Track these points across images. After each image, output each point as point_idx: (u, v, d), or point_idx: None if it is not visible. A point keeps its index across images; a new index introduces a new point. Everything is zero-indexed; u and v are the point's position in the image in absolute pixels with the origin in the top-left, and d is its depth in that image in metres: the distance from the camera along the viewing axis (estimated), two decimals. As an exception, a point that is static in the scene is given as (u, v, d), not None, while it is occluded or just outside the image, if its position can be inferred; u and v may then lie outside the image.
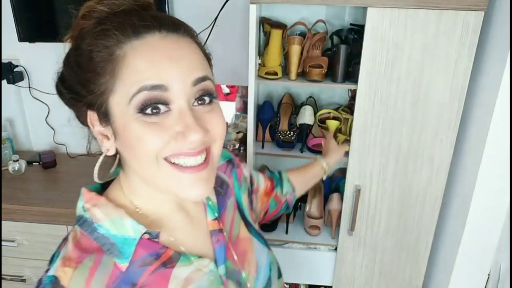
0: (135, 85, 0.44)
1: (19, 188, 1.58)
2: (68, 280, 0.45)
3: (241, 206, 0.69)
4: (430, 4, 1.13)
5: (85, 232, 0.50)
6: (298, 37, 1.29)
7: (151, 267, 0.50)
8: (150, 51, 0.45)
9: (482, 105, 1.13)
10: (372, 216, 1.34)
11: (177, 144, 0.45)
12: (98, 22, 0.47)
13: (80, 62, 0.47)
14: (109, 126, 0.48)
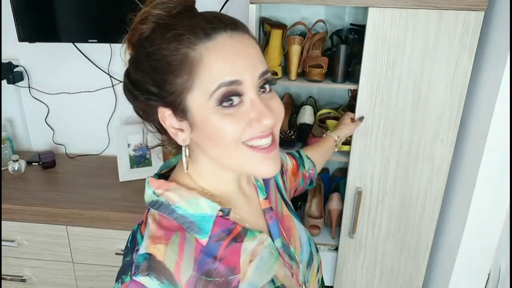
0: (214, 82, 0.49)
1: (18, 188, 1.58)
2: (163, 255, 0.50)
3: (279, 187, 0.75)
4: (430, 4, 1.13)
5: (164, 214, 0.55)
6: (298, 37, 1.29)
7: (225, 242, 0.56)
8: (223, 50, 0.50)
9: (482, 105, 1.13)
10: (373, 218, 1.34)
11: (252, 130, 0.52)
12: (165, 27, 0.51)
13: (156, 66, 0.51)
14: (185, 120, 0.53)
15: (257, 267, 0.58)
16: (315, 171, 0.99)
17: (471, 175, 1.16)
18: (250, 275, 0.56)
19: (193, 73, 0.50)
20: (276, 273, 0.60)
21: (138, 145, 1.67)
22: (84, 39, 1.59)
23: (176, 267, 0.50)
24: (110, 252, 1.48)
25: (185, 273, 0.51)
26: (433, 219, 1.30)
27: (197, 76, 0.50)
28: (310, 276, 0.69)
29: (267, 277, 0.58)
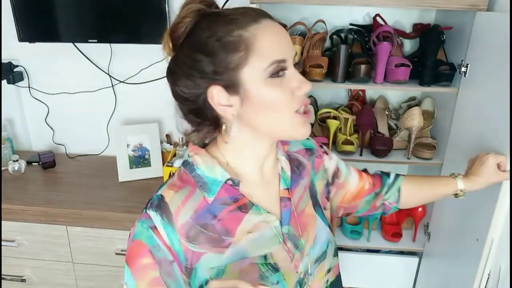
0: (267, 59, 0.58)
1: (18, 188, 1.58)
2: (170, 199, 0.63)
3: (314, 188, 0.79)
4: (430, 4, 1.13)
5: (187, 171, 0.67)
6: (298, 37, 1.29)
7: (230, 207, 0.65)
8: (271, 31, 0.60)
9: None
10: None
11: (297, 100, 0.61)
12: (218, 15, 0.60)
13: (214, 45, 0.58)
14: (236, 95, 0.60)
15: (254, 240, 0.66)
16: (394, 207, 0.89)
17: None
18: (243, 243, 0.65)
19: (249, 50, 0.57)
20: (273, 252, 0.67)
21: (137, 146, 1.67)
22: (84, 39, 1.59)
23: (176, 211, 0.62)
24: (110, 252, 1.47)
25: (182, 217, 0.62)
26: None
27: (252, 53, 0.57)
28: (316, 271, 0.72)
29: (261, 252, 0.65)
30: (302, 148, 0.81)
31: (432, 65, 1.23)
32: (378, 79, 1.25)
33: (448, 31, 1.29)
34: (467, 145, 1.18)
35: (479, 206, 1.05)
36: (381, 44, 1.23)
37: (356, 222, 1.49)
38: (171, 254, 0.61)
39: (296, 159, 0.78)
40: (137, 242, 0.62)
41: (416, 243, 1.45)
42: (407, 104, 1.52)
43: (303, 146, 0.81)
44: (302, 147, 0.81)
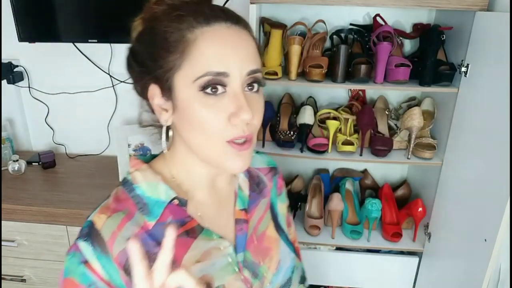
0: (202, 68, 0.51)
1: (18, 188, 1.57)
2: (102, 224, 0.53)
3: (275, 210, 0.72)
4: (430, 4, 1.13)
5: (125, 190, 0.58)
6: (298, 37, 1.29)
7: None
8: (217, 38, 0.52)
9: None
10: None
11: (233, 129, 0.52)
12: (172, 8, 0.53)
13: (155, 40, 0.53)
14: (169, 100, 0.54)
15: (204, 270, 0.56)
16: None
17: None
18: (191, 274, 0.53)
19: (185, 53, 0.51)
20: (226, 283, 0.58)
21: (138, 145, 1.67)
22: (84, 39, 1.59)
23: (111, 238, 0.53)
24: (110, 252, 1.47)
25: (118, 245, 0.52)
26: None
27: (188, 57, 0.51)
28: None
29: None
30: (265, 166, 0.74)
31: (432, 65, 1.23)
32: (378, 79, 1.25)
33: (448, 31, 1.29)
34: (467, 145, 1.18)
35: (487, 206, 1.05)
36: (381, 44, 1.23)
37: (356, 222, 1.49)
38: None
39: (257, 175, 0.71)
40: (69, 280, 0.52)
41: (416, 243, 1.45)
42: (407, 104, 1.52)
43: (266, 165, 0.75)
44: (266, 166, 0.75)
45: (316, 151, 1.37)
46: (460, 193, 1.21)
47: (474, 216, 1.12)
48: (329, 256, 1.50)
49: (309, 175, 1.69)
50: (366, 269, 1.50)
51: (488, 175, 1.06)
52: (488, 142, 1.07)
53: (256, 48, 0.57)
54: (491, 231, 1.02)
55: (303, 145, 1.38)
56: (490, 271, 1.06)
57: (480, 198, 1.09)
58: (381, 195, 1.54)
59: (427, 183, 1.44)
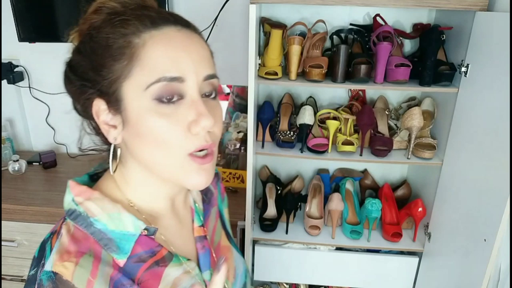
0: (154, 73, 0.46)
1: (19, 188, 1.58)
2: (71, 274, 0.44)
3: (223, 217, 0.71)
4: (430, 4, 1.13)
5: (80, 226, 0.50)
6: (298, 37, 1.29)
7: (146, 264, 0.51)
8: (168, 41, 0.47)
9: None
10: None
11: (194, 139, 0.48)
12: (114, 14, 0.49)
13: (96, 48, 0.48)
14: (118, 114, 0.49)
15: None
16: None
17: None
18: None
19: (133, 59, 0.46)
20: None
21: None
22: (84, 39, 1.59)
23: (87, 286, 0.44)
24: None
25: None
26: None
27: (137, 63, 0.46)
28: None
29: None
30: None
31: (432, 65, 1.23)
32: (378, 79, 1.25)
33: (448, 31, 1.29)
34: (467, 145, 1.18)
35: (487, 206, 1.05)
36: (381, 44, 1.23)
37: (356, 222, 1.49)
38: None
39: (206, 189, 0.67)
40: None
41: (416, 243, 1.45)
42: (407, 104, 1.52)
43: None
44: None
45: (316, 151, 1.37)
46: (460, 193, 1.21)
47: (474, 216, 1.12)
48: (329, 256, 1.50)
49: (309, 175, 1.69)
50: (366, 269, 1.50)
51: (488, 175, 1.06)
52: (488, 142, 1.07)
53: (210, 52, 0.53)
54: (491, 231, 1.02)
55: (303, 145, 1.38)
56: (489, 271, 1.06)
57: (480, 198, 1.09)
58: (381, 195, 1.54)
59: (427, 183, 1.44)
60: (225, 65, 1.61)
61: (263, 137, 1.42)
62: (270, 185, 1.59)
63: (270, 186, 1.59)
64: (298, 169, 1.68)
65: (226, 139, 1.72)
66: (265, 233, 1.47)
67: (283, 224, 1.49)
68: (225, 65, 1.61)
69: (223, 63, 1.61)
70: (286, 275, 1.55)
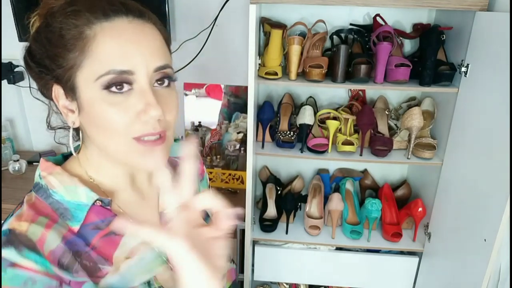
0: (104, 66, 0.48)
1: (19, 188, 1.58)
2: (26, 229, 0.49)
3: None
4: (430, 4, 1.13)
5: (41, 197, 0.54)
6: (298, 37, 1.29)
7: (103, 232, 0.55)
8: (118, 33, 0.49)
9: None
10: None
11: (141, 124, 0.50)
12: (68, 3, 0.50)
13: (50, 38, 0.50)
14: (74, 101, 0.52)
15: (133, 266, 0.56)
16: None
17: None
18: (122, 272, 0.55)
19: (85, 50, 0.48)
20: (157, 275, 0.58)
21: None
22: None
23: (40, 238, 0.49)
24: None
25: (49, 244, 0.50)
26: None
27: (89, 54, 0.48)
28: None
29: (143, 278, 0.57)
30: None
31: (432, 65, 1.23)
32: (378, 79, 1.25)
33: (448, 31, 1.29)
34: (467, 145, 1.18)
35: (487, 206, 1.05)
36: (381, 44, 1.23)
37: (356, 222, 1.49)
38: (53, 278, 0.48)
39: (177, 165, 0.68)
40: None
41: (416, 243, 1.45)
42: (407, 104, 1.52)
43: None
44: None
45: (316, 151, 1.37)
46: (460, 193, 1.21)
47: (474, 216, 1.12)
48: (329, 256, 1.50)
49: (309, 175, 1.69)
50: (366, 269, 1.50)
51: (488, 175, 1.06)
52: (488, 142, 1.07)
53: (163, 41, 0.54)
54: (491, 231, 1.02)
55: (303, 145, 1.38)
56: (489, 271, 1.06)
57: (480, 198, 1.09)
58: (381, 195, 1.54)
59: (427, 183, 1.44)
60: (225, 65, 1.61)
61: (263, 137, 1.42)
62: (270, 185, 1.59)
63: (270, 187, 1.59)
64: (298, 169, 1.68)
65: (226, 140, 1.72)
66: (265, 233, 1.48)
67: (283, 224, 1.49)
68: (225, 65, 1.61)
69: (223, 63, 1.62)
70: (286, 275, 1.55)
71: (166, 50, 0.54)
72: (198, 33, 1.53)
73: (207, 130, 1.73)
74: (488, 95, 1.08)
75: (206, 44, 1.54)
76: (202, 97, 1.66)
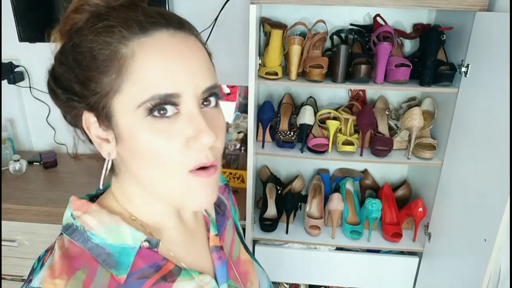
0: (146, 90, 0.41)
1: (20, 188, 1.58)
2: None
3: (239, 230, 0.67)
4: (430, 4, 1.13)
5: (77, 241, 0.46)
6: (298, 37, 1.29)
7: (151, 280, 0.47)
8: (160, 50, 0.42)
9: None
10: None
11: (193, 154, 0.43)
12: (97, 17, 0.44)
13: (80, 60, 0.43)
14: (110, 129, 0.45)
15: None
16: None
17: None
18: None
19: (123, 72, 0.42)
20: None
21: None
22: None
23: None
24: (110, 252, 1.48)
25: None
26: None
27: (127, 77, 0.42)
28: None
29: None
30: (221, 185, 0.66)
31: (432, 65, 1.23)
32: (378, 79, 1.26)
33: (448, 31, 1.29)
34: (467, 145, 1.18)
35: (487, 206, 1.05)
36: (381, 44, 1.23)
37: (356, 222, 1.49)
38: None
39: (217, 197, 0.60)
40: None
41: (416, 243, 1.45)
42: (407, 104, 1.52)
43: (221, 182, 0.67)
44: (221, 183, 0.67)
45: (316, 151, 1.37)
46: (460, 193, 1.21)
47: (474, 216, 1.12)
48: (329, 256, 1.50)
49: (309, 175, 1.69)
50: (366, 269, 1.50)
51: (488, 175, 1.06)
52: (488, 142, 1.07)
53: (208, 56, 0.48)
54: (491, 231, 1.02)
55: (303, 145, 1.38)
56: (490, 271, 1.06)
57: (480, 198, 1.09)
58: (381, 195, 1.54)
59: (427, 183, 1.44)
60: (225, 65, 1.61)
61: (263, 137, 1.42)
62: (270, 185, 1.59)
63: (270, 186, 1.59)
64: (298, 169, 1.68)
65: (227, 140, 1.72)
66: (265, 233, 1.48)
67: (283, 224, 1.49)
68: (225, 65, 1.61)
69: (223, 63, 1.61)
70: (286, 275, 1.55)
71: (212, 67, 0.48)
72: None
73: (207, 130, 1.74)
74: (488, 95, 1.08)
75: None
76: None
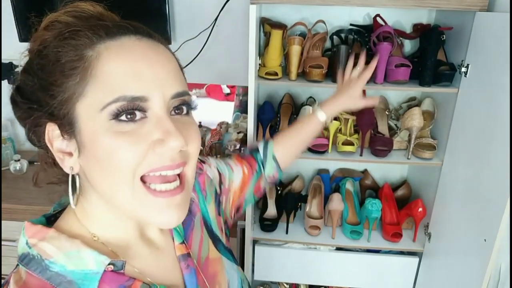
0: (112, 92, 0.39)
1: (20, 188, 1.58)
2: None
3: (208, 221, 0.63)
4: (430, 4, 1.13)
5: (34, 272, 0.43)
6: (298, 37, 1.29)
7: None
8: (127, 52, 0.41)
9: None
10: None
11: (155, 157, 0.41)
12: (65, 27, 0.43)
13: (44, 65, 0.42)
14: (73, 139, 0.43)
15: None
16: (279, 176, 0.83)
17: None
18: None
19: (87, 75, 0.40)
20: None
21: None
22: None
23: None
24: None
25: None
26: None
27: (92, 80, 0.40)
28: None
29: None
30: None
31: (432, 65, 1.23)
32: (378, 79, 1.26)
33: (448, 31, 1.29)
34: (467, 145, 1.18)
35: (487, 206, 1.06)
36: (381, 44, 1.23)
37: (356, 222, 1.49)
38: None
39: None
40: None
41: (416, 243, 1.45)
42: (407, 104, 1.53)
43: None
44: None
45: (316, 151, 1.37)
46: (460, 193, 1.21)
47: (474, 216, 1.12)
48: (329, 256, 1.50)
49: (309, 175, 1.69)
50: (366, 269, 1.50)
51: (488, 175, 1.06)
52: (488, 142, 1.07)
53: (178, 66, 0.47)
54: (491, 231, 1.02)
55: (303, 145, 1.38)
56: (490, 271, 1.06)
57: (480, 198, 1.09)
58: (381, 195, 1.54)
59: (427, 183, 1.45)
60: (225, 65, 1.61)
61: (263, 138, 1.42)
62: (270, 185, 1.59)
63: (270, 186, 1.59)
64: (298, 169, 1.68)
65: (226, 140, 1.72)
66: (265, 233, 1.48)
67: (283, 224, 1.49)
68: (225, 65, 1.61)
69: (223, 63, 1.62)
70: (286, 275, 1.55)
71: (182, 76, 0.46)
72: (198, 33, 1.53)
73: (207, 130, 1.74)
74: (488, 95, 1.08)
75: (206, 44, 1.54)
76: (202, 97, 1.66)
